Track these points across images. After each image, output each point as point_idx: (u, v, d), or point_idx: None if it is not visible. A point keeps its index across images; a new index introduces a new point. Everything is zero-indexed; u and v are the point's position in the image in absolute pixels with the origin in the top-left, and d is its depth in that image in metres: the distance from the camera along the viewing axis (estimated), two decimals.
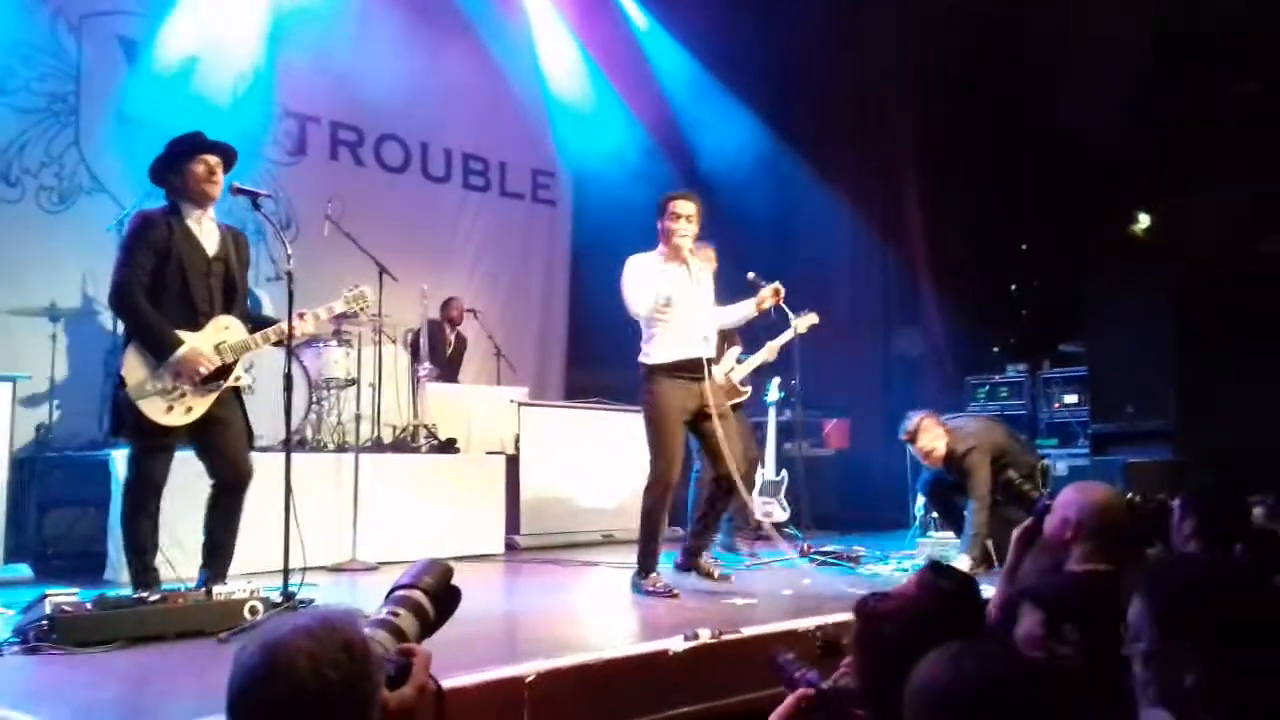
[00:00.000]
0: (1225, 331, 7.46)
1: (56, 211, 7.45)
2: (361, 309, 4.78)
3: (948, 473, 6.31)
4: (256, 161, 8.13)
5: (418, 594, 1.92)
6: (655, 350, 5.03)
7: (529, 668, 3.00)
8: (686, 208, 5.07)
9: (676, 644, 3.45)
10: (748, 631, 3.75)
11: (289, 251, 4.29)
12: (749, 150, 9.92)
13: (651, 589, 4.85)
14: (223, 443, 4.26)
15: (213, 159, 4.31)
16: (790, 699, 2.45)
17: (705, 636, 3.55)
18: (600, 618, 4.76)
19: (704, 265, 5.31)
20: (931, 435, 6.16)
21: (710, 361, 5.08)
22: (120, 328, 6.54)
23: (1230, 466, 6.13)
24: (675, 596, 4.76)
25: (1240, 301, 7.62)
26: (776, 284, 5.36)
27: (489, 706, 2.86)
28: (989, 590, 3.13)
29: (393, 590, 1.95)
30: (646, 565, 4.96)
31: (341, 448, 6.69)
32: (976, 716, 1.44)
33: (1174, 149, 8.83)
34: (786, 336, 6.39)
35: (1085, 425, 8.02)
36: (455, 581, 1.95)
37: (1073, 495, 2.94)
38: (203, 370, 4.14)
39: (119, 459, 5.39)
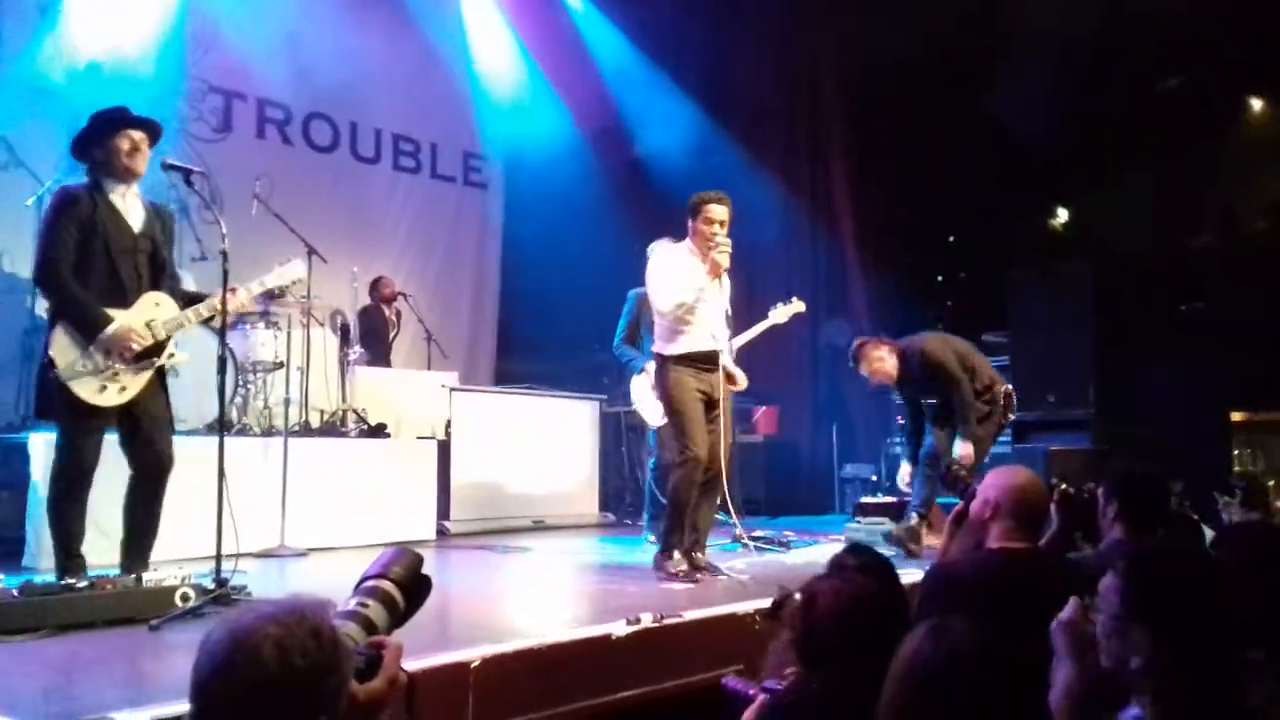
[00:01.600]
0: (1143, 324, 7.71)
1: None
2: (294, 282, 4.70)
3: (903, 390, 6.36)
4: (180, 138, 7.92)
5: (387, 584, 1.88)
6: (673, 344, 5.03)
7: (473, 653, 2.99)
8: (721, 213, 5.02)
9: (619, 628, 3.47)
10: (689, 615, 3.78)
11: (224, 230, 4.19)
12: (682, 138, 9.94)
13: (671, 572, 4.82)
14: (149, 429, 4.15)
15: (137, 134, 4.20)
16: (750, 710, 2.49)
17: (647, 621, 3.57)
18: (539, 603, 4.75)
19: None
20: (877, 351, 6.20)
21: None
22: (40, 307, 6.37)
23: (1148, 454, 6.34)
24: (697, 583, 4.71)
25: (1157, 294, 7.89)
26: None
27: (434, 692, 2.84)
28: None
29: (361, 581, 1.91)
30: (669, 544, 4.95)
31: (268, 432, 6.56)
32: (955, 688, 1.48)
33: (1096, 143, 9.08)
34: (764, 326, 6.50)
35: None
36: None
37: (994, 478, 3.07)
38: (135, 346, 4.03)
39: (37, 442, 5.23)
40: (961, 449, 5.78)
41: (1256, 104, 9.56)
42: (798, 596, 2.62)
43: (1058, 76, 8.86)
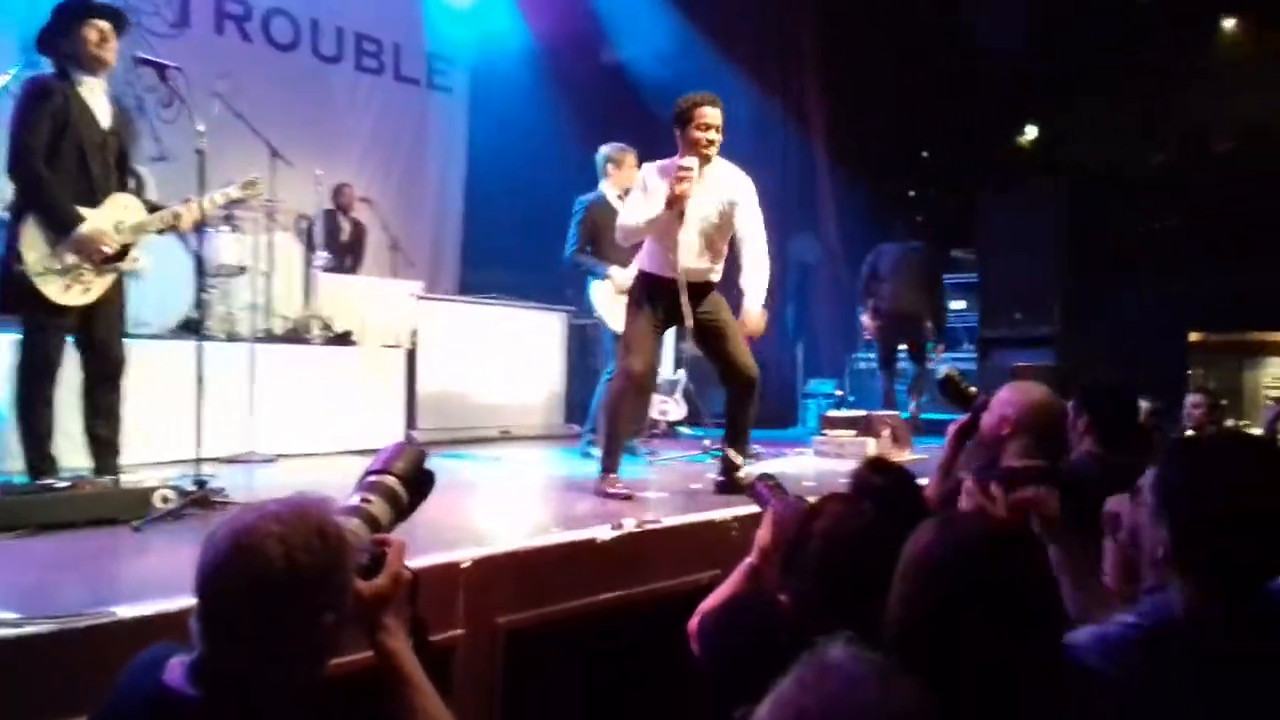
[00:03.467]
0: (1110, 242, 7.80)
1: None
2: (255, 196, 4.63)
3: None
4: (134, 32, 7.59)
5: (390, 479, 1.89)
6: (638, 257, 4.88)
7: (464, 554, 3.00)
8: (715, 116, 4.57)
9: (604, 533, 3.50)
10: (668, 522, 3.83)
11: (201, 129, 4.08)
12: (651, 46, 9.76)
13: (610, 492, 4.56)
14: (104, 331, 4.11)
15: (104, 24, 4.09)
16: (738, 571, 2.53)
17: (630, 526, 3.61)
18: (517, 510, 4.77)
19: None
20: None
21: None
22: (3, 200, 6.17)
23: (1111, 370, 6.46)
24: (630, 499, 4.50)
25: (1126, 213, 7.96)
26: None
27: (425, 591, 2.84)
28: None
29: (364, 476, 1.91)
30: (606, 465, 4.71)
31: (231, 337, 6.46)
32: (964, 580, 1.50)
33: (1067, 60, 9.06)
34: None
35: (972, 331, 8.33)
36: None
37: (1011, 394, 3.04)
38: (106, 250, 3.96)
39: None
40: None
41: (1229, 23, 9.59)
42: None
43: None
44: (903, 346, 7.75)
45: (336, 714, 1.91)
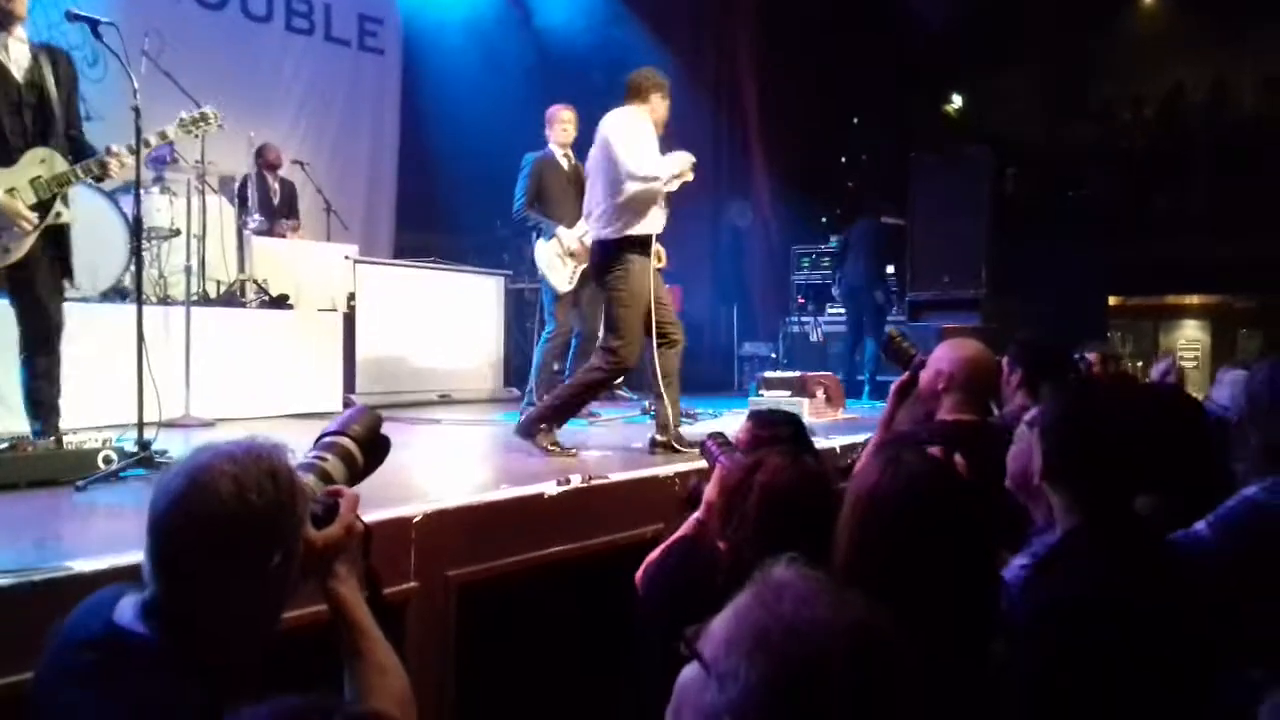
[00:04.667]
0: (1032, 208, 8.03)
1: None
2: (204, 130, 4.48)
3: None
4: None
5: (346, 440, 1.92)
6: (639, 223, 4.75)
7: (414, 509, 3.05)
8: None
9: (551, 488, 3.57)
10: (614, 477, 3.91)
11: (135, 85, 4.02)
12: (584, 8, 9.74)
13: (547, 447, 4.67)
14: (38, 290, 4.03)
15: None
16: (684, 525, 2.62)
17: (576, 482, 3.68)
18: (461, 469, 4.81)
19: None
20: None
21: None
22: None
23: (1037, 330, 6.67)
24: (573, 456, 4.59)
25: (1045, 180, 8.19)
26: None
27: (378, 546, 2.88)
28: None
29: (321, 436, 1.94)
30: (553, 422, 4.79)
31: (164, 301, 6.38)
32: (912, 513, 1.60)
33: (990, 30, 9.25)
34: None
35: (901, 294, 8.53)
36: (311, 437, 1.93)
37: (945, 351, 3.16)
38: (25, 227, 3.87)
39: None
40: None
41: None
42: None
43: None
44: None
45: (292, 666, 1.95)
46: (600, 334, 5.39)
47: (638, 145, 4.73)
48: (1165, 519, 2.27)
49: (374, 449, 1.97)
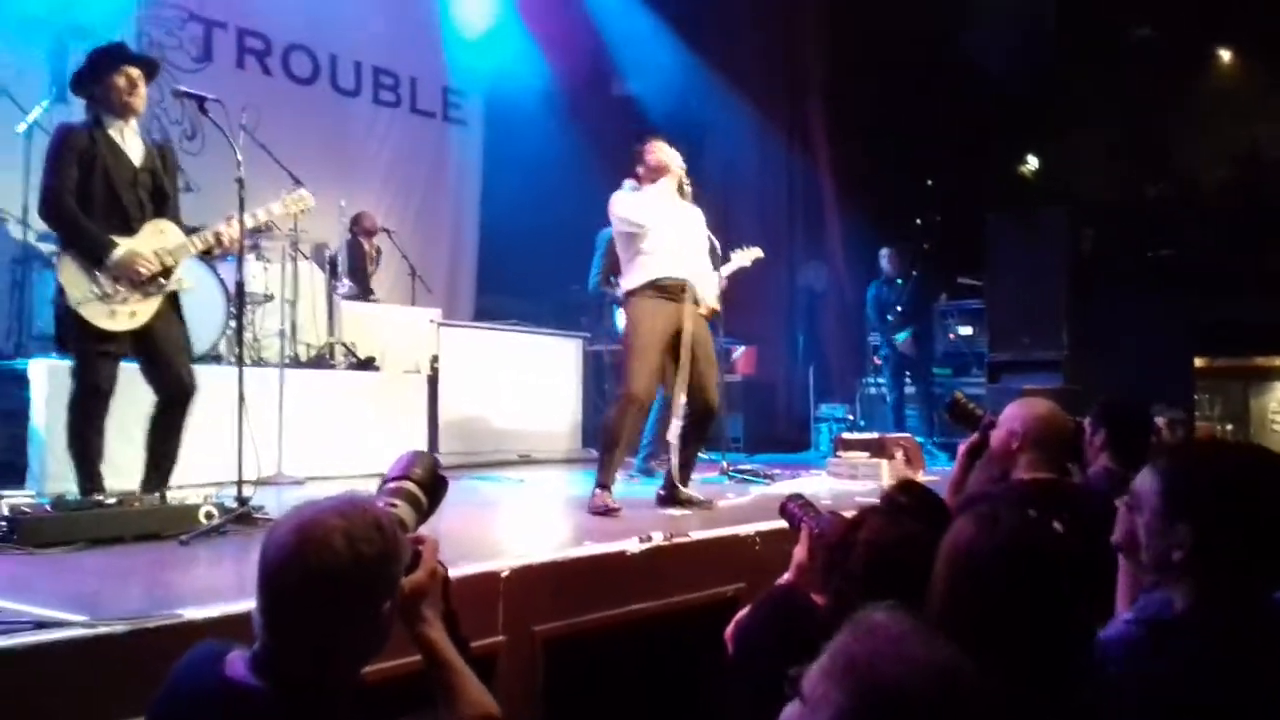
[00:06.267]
0: (1113, 268, 7.94)
1: None
2: (301, 211, 4.76)
3: None
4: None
5: (410, 485, 1.99)
6: (634, 275, 5.00)
7: (503, 564, 3.13)
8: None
9: (633, 545, 3.63)
10: (695, 535, 3.95)
11: (239, 158, 4.25)
12: (661, 77, 9.98)
13: (599, 508, 4.71)
14: (166, 353, 4.22)
15: (135, 71, 4.26)
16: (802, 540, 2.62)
17: (658, 539, 3.73)
18: (546, 526, 4.88)
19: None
20: None
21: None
22: (31, 237, 6.35)
23: (1118, 391, 6.57)
24: (617, 516, 4.62)
25: (1126, 240, 8.11)
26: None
27: (466, 599, 2.96)
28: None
29: (384, 483, 2.01)
30: (601, 480, 4.86)
31: (257, 363, 6.61)
32: (1006, 572, 1.63)
33: (1067, 92, 9.24)
34: (730, 269, 6.57)
35: (981, 356, 8.47)
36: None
37: (1017, 410, 3.17)
38: (142, 271, 4.09)
39: (38, 368, 5.25)
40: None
41: (1225, 55, 9.77)
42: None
43: (1030, 24, 8.99)
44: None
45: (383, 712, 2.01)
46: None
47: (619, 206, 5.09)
48: None
49: (435, 490, 2.05)
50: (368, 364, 7.17)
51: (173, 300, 4.30)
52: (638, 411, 4.96)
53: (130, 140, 4.27)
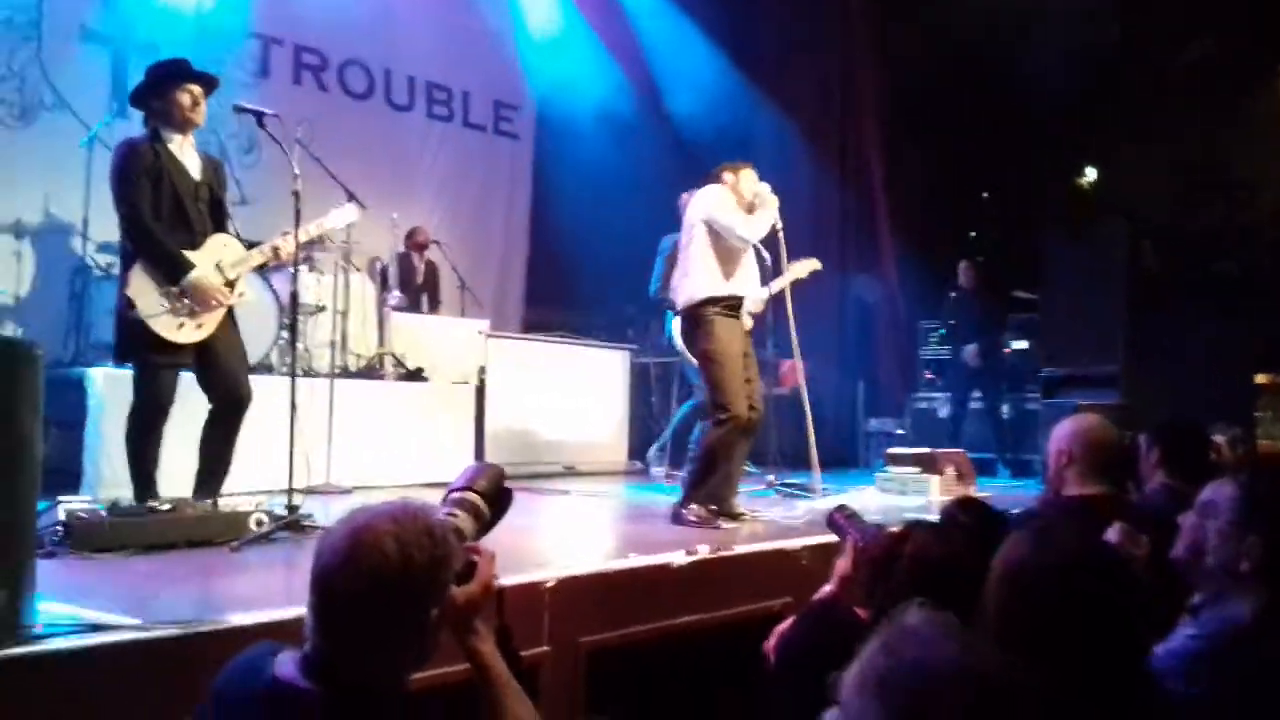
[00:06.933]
0: (1172, 284, 7.78)
1: (16, 127, 7.22)
2: (348, 226, 4.83)
3: None
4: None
5: (473, 496, 1.98)
6: (721, 285, 5.01)
7: (548, 574, 3.13)
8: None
9: (679, 558, 3.61)
10: (740, 549, 3.93)
11: (296, 171, 4.33)
12: (712, 91, 9.97)
13: (691, 521, 4.71)
14: (227, 362, 4.29)
15: (196, 88, 4.34)
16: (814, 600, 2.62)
17: (704, 552, 3.71)
18: (591, 537, 4.89)
19: None
20: None
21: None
22: (90, 249, 6.49)
23: (1175, 407, 6.44)
24: (717, 529, 4.61)
25: (1186, 255, 7.94)
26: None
27: (511, 609, 2.96)
28: None
29: (448, 494, 2.01)
30: (691, 495, 4.84)
31: (307, 373, 6.69)
32: (1058, 587, 1.59)
33: (1125, 106, 9.09)
34: (785, 280, 6.51)
35: (1036, 370, 8.34)
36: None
37: (1063, 428, 3.14)
38: (220, 301, 4.19)
39: (98, 376, 5.37)
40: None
41: None
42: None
43: (1088, 38, 8.87)
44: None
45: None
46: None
47: (730, 207, 5.15)
48: None
49: (499, 502, 2.04)
50: (416, 375, 7.22)
51: (230, 310, 4.37)
52: (740, 432, 4.93)
53: (188, 154, 4.36)
